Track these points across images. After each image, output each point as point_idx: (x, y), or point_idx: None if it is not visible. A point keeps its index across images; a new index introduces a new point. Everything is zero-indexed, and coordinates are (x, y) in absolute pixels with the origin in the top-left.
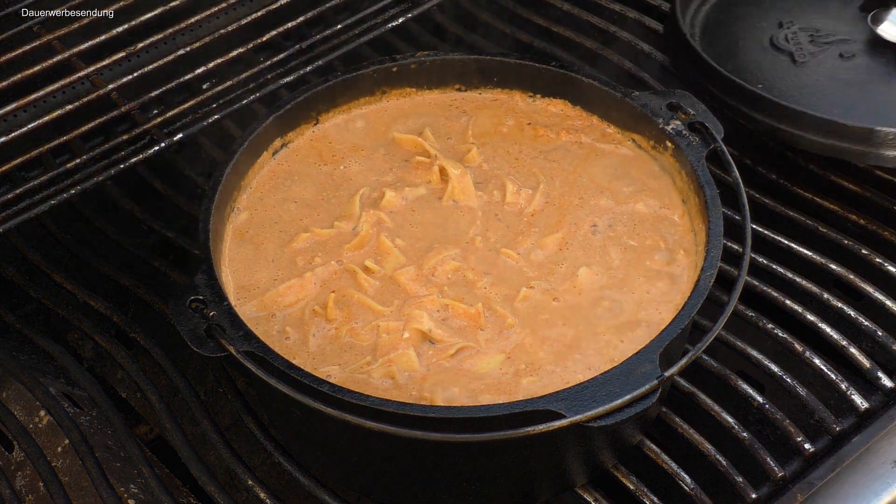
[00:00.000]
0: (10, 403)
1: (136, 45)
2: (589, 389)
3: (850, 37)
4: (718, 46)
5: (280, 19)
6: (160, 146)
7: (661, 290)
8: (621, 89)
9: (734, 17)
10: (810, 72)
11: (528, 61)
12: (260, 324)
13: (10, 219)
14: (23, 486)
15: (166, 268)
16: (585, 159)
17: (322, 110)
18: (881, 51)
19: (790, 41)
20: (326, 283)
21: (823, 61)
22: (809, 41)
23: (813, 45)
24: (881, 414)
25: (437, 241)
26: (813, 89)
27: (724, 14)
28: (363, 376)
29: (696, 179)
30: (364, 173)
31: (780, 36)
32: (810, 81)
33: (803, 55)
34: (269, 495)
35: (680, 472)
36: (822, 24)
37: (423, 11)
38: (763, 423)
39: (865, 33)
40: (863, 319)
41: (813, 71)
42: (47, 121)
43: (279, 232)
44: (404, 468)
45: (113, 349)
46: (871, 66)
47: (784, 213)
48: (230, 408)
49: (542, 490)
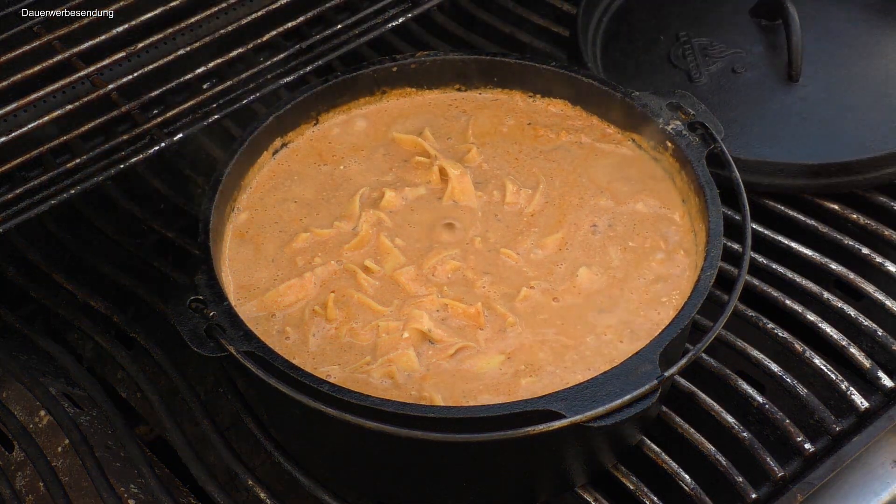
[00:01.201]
0: (11, 403)
1: (136, 45)
2: (589, 389)
3: (741, 48)
4: (619, 65)
5: (280, 19)
6: (160, 146)
7: (661, 290)
8: (621, 89)
9: (634, 29)
10: (705, 90)
11: (528, 61)
12: (260, 324)
13: (10, 219)
14: (23, 486)
15: (166, 268)
16: (585, 159)
17: (322, 110)
18: (772, 60)
19: (686, 56)
20: (326, 282)
21: (717, 77)
22: (703, 55)
23: (707, 60)
24: (881, 414)
25: (436, 241)
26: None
27: (625, 26)
28: (363, 376)
29: (696, 179)
30: (364, 173)
31: (677, 51)
32: (706, 99)
33: (698, 72)
34: (269, 495)
35: (680, 472)
36: (716, 34)
37: (423, 11)
38: (763, 423)
39: (757, 41)
40: (863, 319)
41: (707, 88)
42: (47, 121)
43: (279, 232)
44: (404, 468)
45: (113, 349)
46: (761, 80)
47: (784, 213)
48: (230, 408)
49: (542, 490)
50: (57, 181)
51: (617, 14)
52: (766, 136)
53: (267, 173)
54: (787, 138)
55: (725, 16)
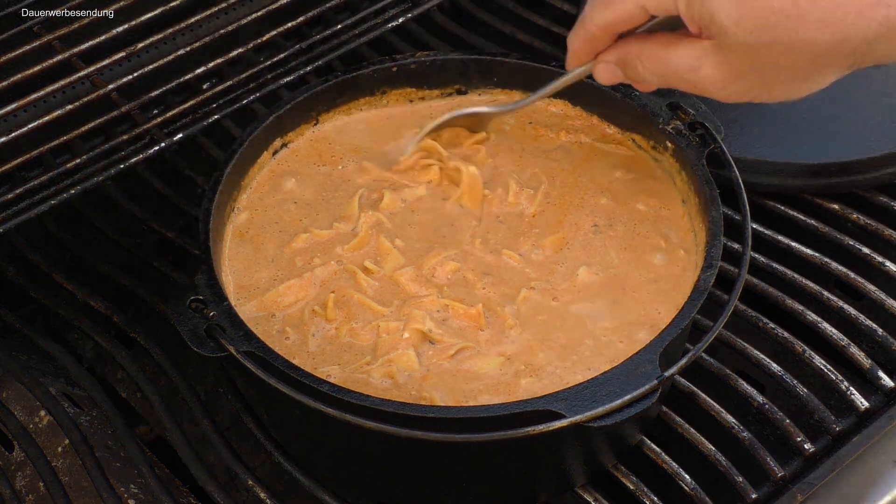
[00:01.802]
0: (11, 403)
1: (136, 45)
2: (589, 389)
3: None
4: None
5: (280, 19)
6: (160, 146)
7: (661, 290)
8: (621, 89)
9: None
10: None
11: (528, 61)
12: (260, 324)
13: (10, 219)
14: (23, 486)
15: (166, 268)
16: (585, 159)
17: (322, 110)
18: None
19: None
20: (326, 283)
21: None
22: None
23: None
24: (881, 414)
25: (436, 241)
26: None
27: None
28: (363, 376)
29: (696, 179)
30: (362, 173)
31: None
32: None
33: None
34: (269, 495)
35: (680, 472)
36: None
37: (423, 11)
38: (763, 423)
39: None
40: (863, 319)
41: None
42: (47, 121)
43: (279, 232)
44: (404, 468)
45: (113, 349)
46: None
47: (784, 212)
48: (230, 408)
49: (542, 490)
50: (57, 181)
51: None
52: (766, 136)
53: (267, 173)
54: (787, 138)
55: None
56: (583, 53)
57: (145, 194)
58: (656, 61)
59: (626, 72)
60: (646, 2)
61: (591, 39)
